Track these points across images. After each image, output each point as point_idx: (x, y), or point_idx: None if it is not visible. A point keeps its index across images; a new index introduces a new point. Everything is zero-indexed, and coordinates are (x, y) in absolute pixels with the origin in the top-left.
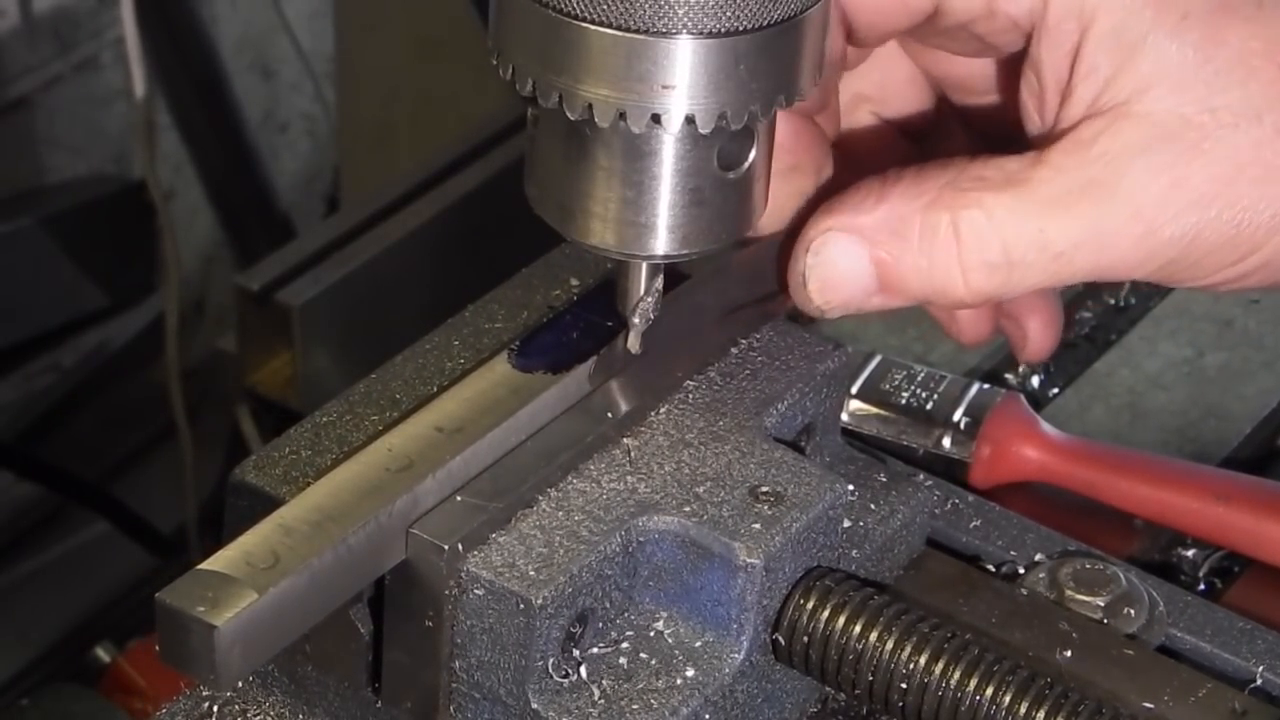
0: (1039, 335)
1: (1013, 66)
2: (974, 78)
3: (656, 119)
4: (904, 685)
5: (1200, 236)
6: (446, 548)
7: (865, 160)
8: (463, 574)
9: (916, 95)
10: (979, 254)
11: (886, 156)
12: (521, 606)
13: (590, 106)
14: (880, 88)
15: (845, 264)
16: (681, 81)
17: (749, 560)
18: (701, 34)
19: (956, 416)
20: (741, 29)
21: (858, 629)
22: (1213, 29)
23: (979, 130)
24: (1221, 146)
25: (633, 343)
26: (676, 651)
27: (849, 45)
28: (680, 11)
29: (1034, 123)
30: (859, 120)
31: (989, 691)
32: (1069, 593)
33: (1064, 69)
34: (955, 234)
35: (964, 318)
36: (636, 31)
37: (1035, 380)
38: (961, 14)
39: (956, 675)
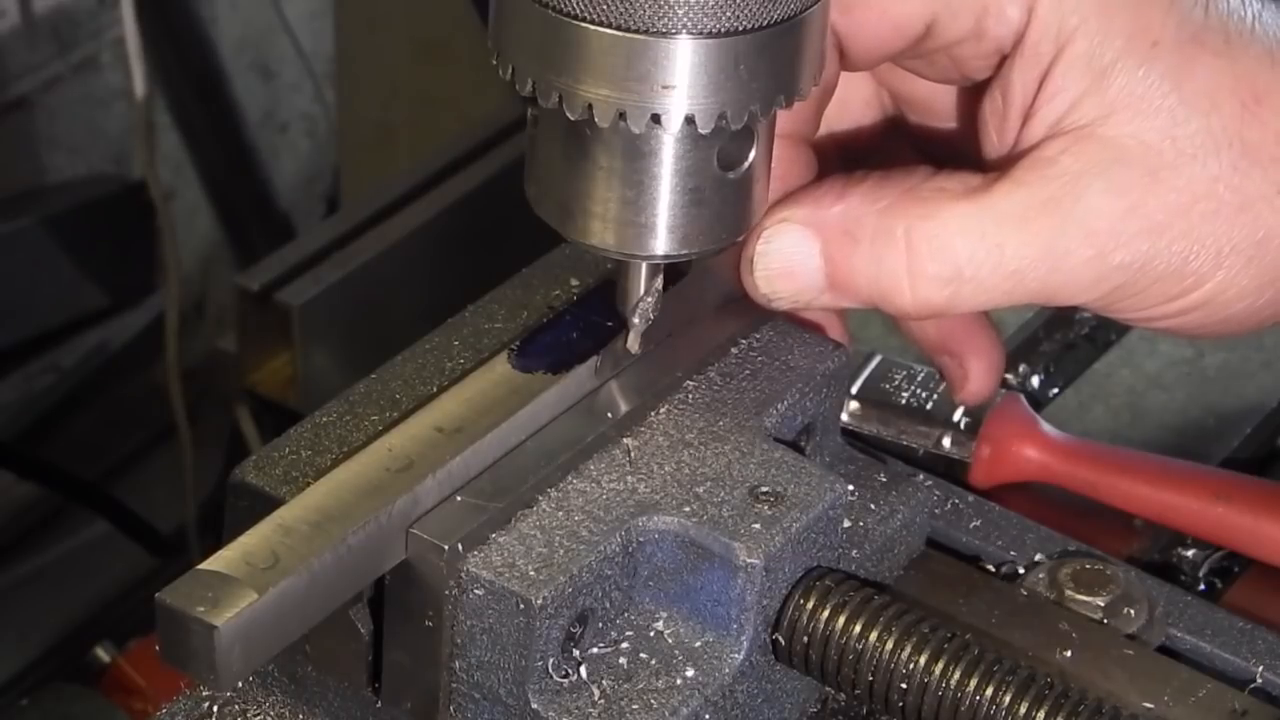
0: (979, 378)
1: (975, 91)
2: (936, 98)
3: (656, 119)
4: (904, 685)
5: (1149, 265)
6: (446, 548)
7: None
8: (463, 574)
9: (870, 115)
10: (930, 265)
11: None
12: (521, 606)
13: (590, 106)
14: (839, 104)
15: (795, 256)
16: (681, 81)
17: (749, 560)
18: (701, 34)
19: (956, 416)
20: (741, 29)
21: (858, 629)
22: (1182, 60)
23: (930, 152)
24: (1179, 176)
25: (633, 343)
26: (676, 651)
27: (841, 69)
28: (680, 11)
29: (991, 144)
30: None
31: (989, 691)
32: (1069, 593)
33: (1032, 89)
34: (907, 242)
35: (971, 377)
36: (636, 31)
37: (1035, 380)
38: (952, 35)
39: (956, 675)
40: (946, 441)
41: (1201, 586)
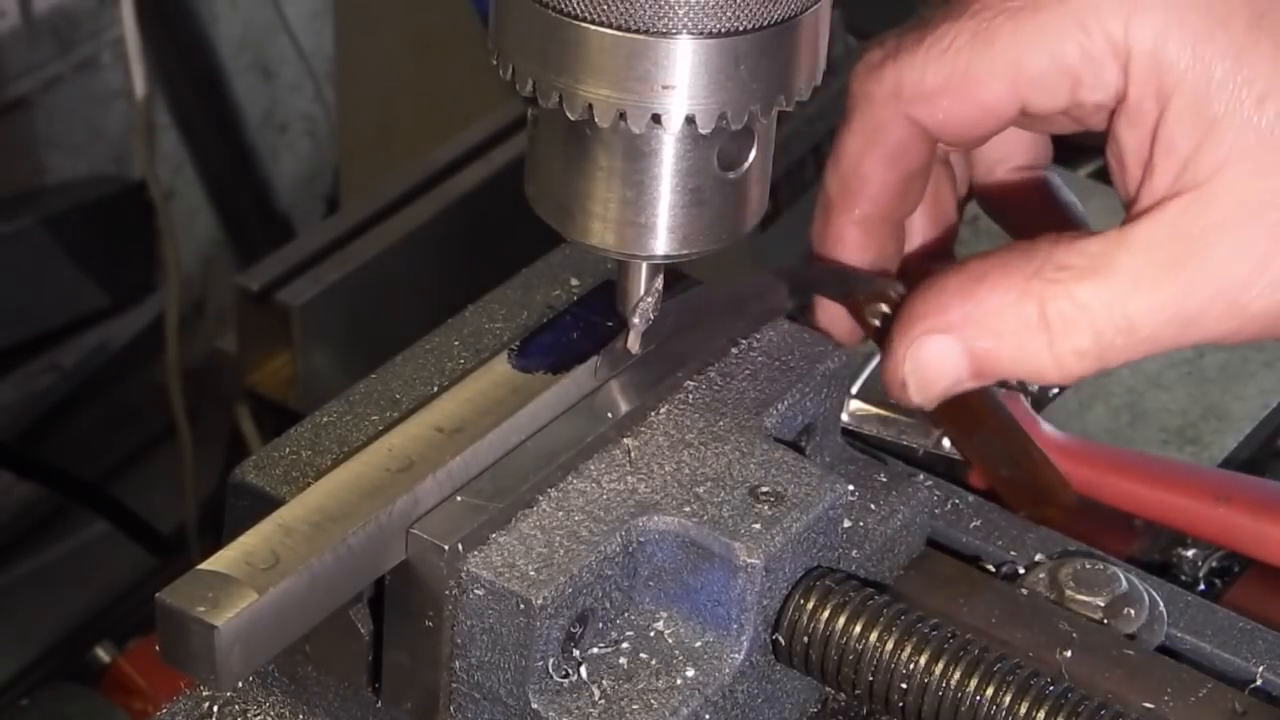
0: None
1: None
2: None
3: (657, 119)
4: (904, 685)
5: None
6: (446, 548)
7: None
8: (463, 574)
9: (1035, 141)
10: (1069, 341)
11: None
12: (522, 607)
13: (590, 106)
14: (1005, 147)
15: (941, 361)
16: (682, 81)
17: (749, 560)
18: (702, 34)
19: None
20: (742, 29)
21: (858, 629)
22: None
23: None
24: None
25: (633, 343)
26: (676, 652)
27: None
28: (680, 11)
29: (1124, 191)
30: (1001, 177)
31: (989, 691)
32: (1069, 593)
33: (1145, 147)
34: (1046, 324)
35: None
36: (637, 31)
37: None
38: (1048, 108)
39: (956, 675)
40: (946, 442)
41: (1201, 586)
